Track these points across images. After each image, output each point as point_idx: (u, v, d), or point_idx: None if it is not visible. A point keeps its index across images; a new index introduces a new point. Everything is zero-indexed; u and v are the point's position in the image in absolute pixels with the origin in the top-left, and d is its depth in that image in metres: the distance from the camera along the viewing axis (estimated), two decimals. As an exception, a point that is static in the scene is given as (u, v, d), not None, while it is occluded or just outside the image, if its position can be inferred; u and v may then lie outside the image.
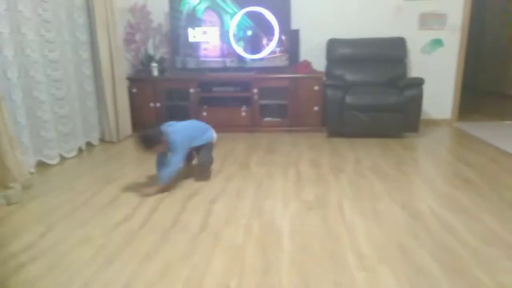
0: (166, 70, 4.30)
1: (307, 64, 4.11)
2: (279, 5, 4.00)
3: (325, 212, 2.17)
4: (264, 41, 4.09)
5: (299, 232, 1.95)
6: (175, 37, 4.18)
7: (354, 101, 3.65)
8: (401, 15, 4.16)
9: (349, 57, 4.11)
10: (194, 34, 4.14)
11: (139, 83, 4.15)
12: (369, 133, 3.75)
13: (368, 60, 4.11)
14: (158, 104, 4.15)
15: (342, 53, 4.11)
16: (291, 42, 4.11)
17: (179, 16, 4.11)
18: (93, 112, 3.72)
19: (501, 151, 3.27)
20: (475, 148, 3.38)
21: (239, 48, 4.12)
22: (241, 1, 4.02)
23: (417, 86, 3.61)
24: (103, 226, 2.06)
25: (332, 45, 4.14)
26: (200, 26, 4.12)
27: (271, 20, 4.03)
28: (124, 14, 4.16)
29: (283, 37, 4.06)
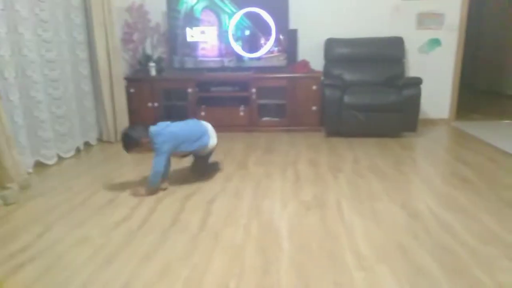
0: (164, 70, 4.29)
1: (305, 64, 4.11)
2: (277, 5, 4.00)
3: (324, 212, 2.17)
4: (262, 41, 4.09)
5: (298, 232, 1.95)
6: (173, 37, 4.17)
7: (352, 101, 3.66)
8: (399, 15, 4.17)
9: (347, 57, 4.11)
10: (192, 34, 4.13)
11: (137, 83, 4.14)
12: (367, 133, 3.75)
13: (366, 60, 4.11)
14: (156, 104, 4.14)
15: (340, 53, 4.12)
16: (289, 42, 4.11)
17: (177, 16, 4.11)
18: (91, 112, 3.71)
19: (499, 151, 3.29)
20: (473, 148, 3.40)
21: (238, 47, 4.11)
22: (239, 1, 4.01)
23: (415, 86, 3.62)
24: (102, 226, 2.05)
25: (330, 45, 4.15)
26: (198, 26, 4.11)
27: (269, 20, 4.03)
28: (122, 14, 4.15)
29: (281, 37, 4.06)
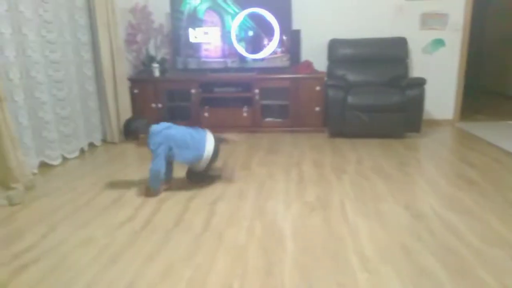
0: (167, 71, 4.30)
1: (309, 65, 4.11)
2: (280, 6, 4.00)
3: (328, 213, 2.16)
4: (265, 42, 4.09)
5: (302, 233, 1.95)
6: (176, 38, 4.18)
7: (356, 101, 3.65)
8: (403, 15, 4.16)
9: (351, 57, 4.10)
10: (195, 35, 4.14)
11: (141, 84, 4.15)
12: (371, 134, 3.74)
13: (370, 60, 4.10)
14: (160, 105, 4.15)
15: (344, 53, 4.11)
16: (292, 43, 4.11)
17: (180, 17, 4.11)
18: (95, 113, 3.72)
19: (504, 151, 3.26)
20: (478, 149, 3.38)
21: (241, 48, 4.12)
22: (242, 2, 4.02)
23: (419, 86, 3.61)
24: (106, 227, 2.06)
25: (334, 45, 4.14)
26: (201, 27, 4.11)
27: (272, 21, 4.03)
28: (125, 15, 4.16)
29: (284, 38, 4.05)
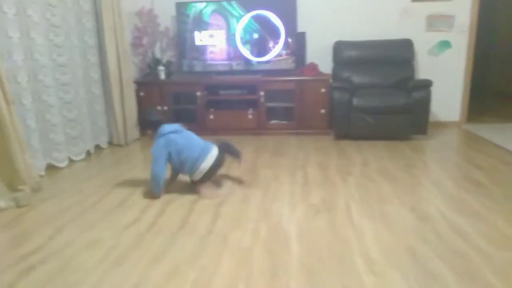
0: (173, 74, 4.32)
1: (314, 67, 4.10)
2: (285, 8, 4.01)
3: (333, 215, 2.15)
4: (271, 44, 4.10)
5: (307, 236, 1.94)
6: (182, 41, 4.20)
7: (361, 103, 3.64)
8: (408, 17, 4.14)
9: (356, 59, 4.09)
10: (201, 38, 4.16)
11: (147, 87, 4.18)
12: (377, 136, 3.72)
13: (375, 62, 4.09)
14: (166, 108, 4.17)
15: (349, 55, 4.10)
16: (298, 45, 4.11)
17: (186, 20, 4.14)
18: (101, 116, 3.75)
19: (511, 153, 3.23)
20: (485, 151, 3.34)
21: (246, 51, 4.13)
22: (247, 5, 4.03)
23: (425, 88, 3.59)
24: (112, 229, 2.07)
25: (339, 48, 4.14)
26: (207, 30, 4.14)
27: (277, 23, 4.03)
28: (132, 18, 4.20)
29: (290, 40, 4.06)
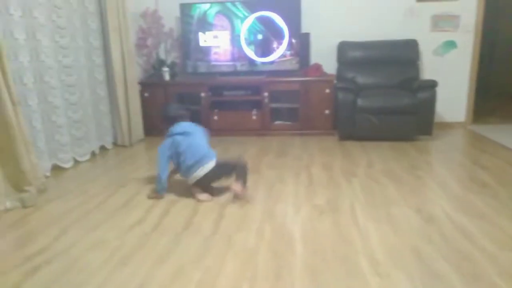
0: (177, 75, 4.33)
1: (318, 67, 4.10)
2: (289, 9, 4.00)
3: (337, 217, 2.15)
4: (275, 45, 4.10)
5: (311, 237, 1.93)
6: (186, 42, 4.21)
7: (366, 104, 3.63)
8: (413, 17, 4.13)
9: (361, 60, 4.08)
10: (205, 39, 4.17)
11: (151, 88, 4.19)
12: (381, 136, 3.71)
13: (380, 63, 4.07)
14: (170, 108, 4.18)
15: (354, 56, 4.09)
16: (302, 46, 4.10)
17: (190, 21, 4.15)
18: (106, 117, 3.77)
19: (518, 154, 3.21)
20: (491, 151, 3.32)
21: (250, 51, 4.13)
22: (252, 6, 4.04)
23: (430, 88, 3.57)
24: (116, 229, 2.08)
25: (343, 48, 4.13)
26: (211, 31, 4.14)
27: (281, 24, 4.03)
28: (136, 19, 4.22)
29: (294, 41, 4.06)
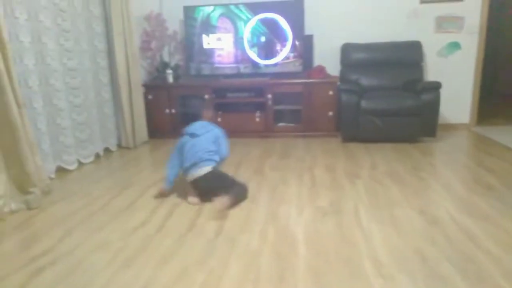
0: (181, 77, 4.35)
1: (321, 69, 4.10)
2: (293, 11, 4.01)
3: (341, 218, 2.14)
4: (278, 47, 4.11)
5: (315, 238, 1.93)
6: (190, 44, 4.23)
7: (370, 106, 3.62)
8: (417, 18, 4.12)
9: (364, 62, 4.08)
10: (209, 41, 4.19)
11: (155, 90, 4.21)
12: (385, 138, 3.70)
13: (384, 64, 4.07)
14: (173, 110, 4.20)
15: (357, 58, 4.09)
16: (305, 48, 4.11)
17: (194, 24, 4.17)
18: (111, 119, 3.79)
19: (523, 156, 3.19)
20: (495, 153, 3.30)
21: (253, 54, 4.14)
22: (255, 8, 4.05)
23: (434, 90, 3.56)
24: (120, 231, 2.08)
25: (347, 50, 4.13)
26: (215, 33, 4.16)
27: (285, 26, 4.04)
28: (140, 22, 4.24)
29: (297, 43, 4.06)
